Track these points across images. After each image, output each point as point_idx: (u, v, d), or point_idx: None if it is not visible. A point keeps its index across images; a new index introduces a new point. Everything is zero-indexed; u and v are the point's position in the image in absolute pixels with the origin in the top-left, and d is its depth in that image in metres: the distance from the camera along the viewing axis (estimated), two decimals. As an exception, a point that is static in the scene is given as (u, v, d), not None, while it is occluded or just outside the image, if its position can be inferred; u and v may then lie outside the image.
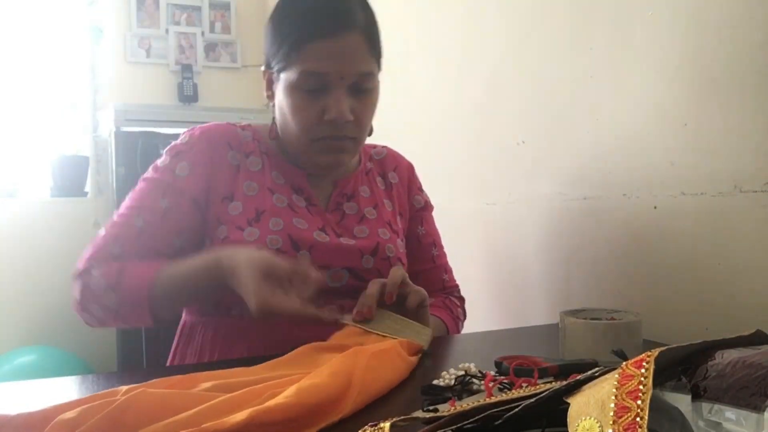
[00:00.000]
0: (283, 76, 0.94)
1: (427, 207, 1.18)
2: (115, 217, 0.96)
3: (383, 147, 1.19)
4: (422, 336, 0.84)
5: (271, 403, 0.56)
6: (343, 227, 1.02)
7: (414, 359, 0.78)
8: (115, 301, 0.89)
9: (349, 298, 0.94)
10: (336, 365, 0.66)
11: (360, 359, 0.68)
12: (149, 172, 0.98)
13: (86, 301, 0.92)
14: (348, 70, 0.92)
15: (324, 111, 0.92)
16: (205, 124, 1.03)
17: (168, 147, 1.00)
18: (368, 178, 1.11)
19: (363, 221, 1.04)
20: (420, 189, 1.18)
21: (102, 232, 0.95)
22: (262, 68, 1.00)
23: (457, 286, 1.17)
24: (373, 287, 0.86)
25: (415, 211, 1.15)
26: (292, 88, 0.93)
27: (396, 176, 1.15)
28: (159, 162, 0.99)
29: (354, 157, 1.05)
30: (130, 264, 0.91)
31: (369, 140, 1.07)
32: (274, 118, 1.02)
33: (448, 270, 1.17)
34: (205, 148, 0.98)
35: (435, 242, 1.16)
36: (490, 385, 0.61)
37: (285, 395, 0.57)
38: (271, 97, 1.00)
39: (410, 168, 1.19)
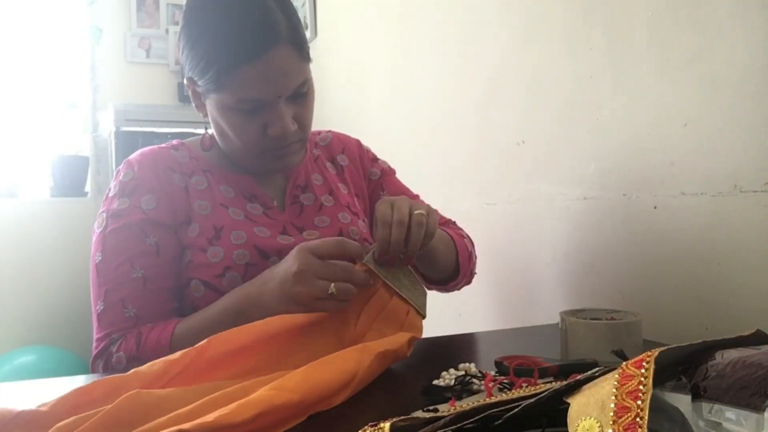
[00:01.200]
0: (212, 96, 0.90)
1: (386, 173, 1.16)
2: (104, 286, 0.90)
3: (327, 132, 1.17)
4: (420, 300, 0.87)
5: (279, 400, 0.57)
6: (304, 220, 1.01)
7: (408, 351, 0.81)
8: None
9: None
10: (342, 363, 0.68)
11: (365, 358, 0.70)
12: (111, 222, 0.91)
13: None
14: (283, 88, 0.88)
15: (266, 126, 0.90)
16: (137, 153, 0.98)
17: (116, 190, 0.94)
18: (318, 166, 1.10)
19: (322, 210, 1.03)
20: (373, 160, 1.17)
21: (99, 307, 0.90)
22: (185, 81, 0.95)
23: (448, 220, 1.19)
24: (399, 236, 0.81)
25: (374, 183, 1.15)
26: (228, 109, 0.89)
27: (345, 158, 1.13)
28: (115, 207, 0.92)
29: (301, 158, 1.02)
30: (144, 329, 0.87)
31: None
32: (206, 129, 0.99)
33: (431, 212, 1.15)
34: (152, 177, 0.93)
35: (413, 195, 1.16)
36: (490, 385, 0.61)
37: (290, 389, 0.59)
38: (201, 108, 0.97)
39: (358, 145, 1.17)
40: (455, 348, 0.94)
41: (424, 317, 0.87)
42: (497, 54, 1.42)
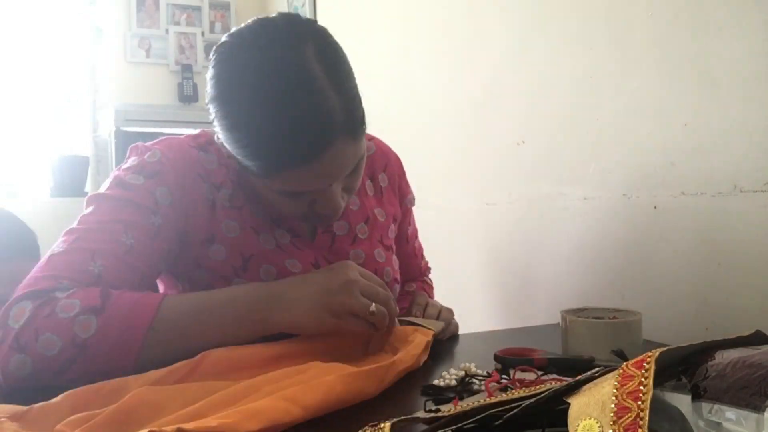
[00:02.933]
0: (252, 176, 0.78)
1: (411, 201, 1.10)
2: (76, 233, 0.76)
3: (370, 140, 1.02)
4: (436, 325, 0.93)
5: (288, 417, 0.55)
6: (337, 253, 0.90)
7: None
8: (95, 328, 0.67)
9: None
10: (365, 381, 0.65)
11: (388, 376, 0.68)
12: (118, 190, 0.79)
13: (34, 332, 0.66)
14: (339, 175, 0.77)
15: (314, 203, 0.78)
16: (162, 144, 0.85)
17: (131, 163, 0.83)
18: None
19: (356, 242, 0.93)
20: (408, 185, 1.07)
21: (58, 248, 0.74)
22: (216, 139, 0.81)
23: (427, 265, 1.20)
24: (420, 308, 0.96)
25: (405, 208, 1.07)
26: (270, 190, 0.78)
27: (386, 178, 1.02)
28: (126, 179, 0.80)
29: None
30: (115, 291, 0.71)
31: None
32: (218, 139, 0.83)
33: (420, 254, 1.17)
34: (178, 180, 0.81)
35: (415, 234, 1.15)
36: (491, 386, 0.61)
37: (304, 406, 0.57)
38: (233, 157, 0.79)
39: (398, 164, 1.05)
40: (455, 348, 0.94)
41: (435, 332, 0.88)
42: (497, 54, 1.42)
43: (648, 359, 0.40)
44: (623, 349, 0.73)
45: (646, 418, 0.35)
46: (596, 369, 0.45)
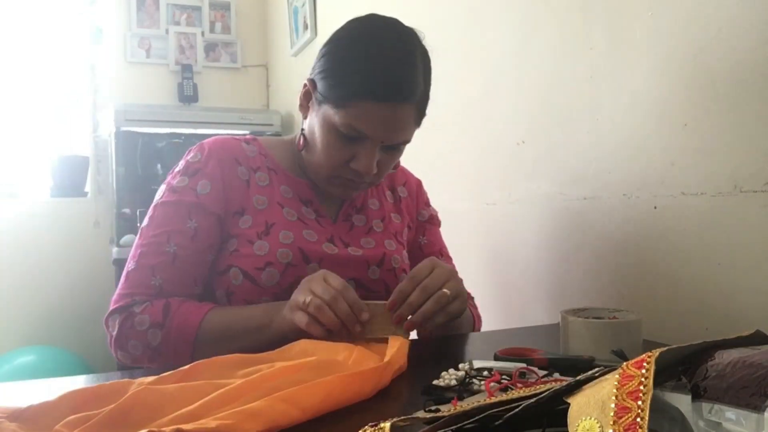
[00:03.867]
0: (326, 108, 0.92)
1: (432, 220, 1.19)
2: (140, 248, 0.95)
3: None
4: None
5: (286, 419, 0.56)
6: (351, 237, 1.03)
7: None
8: (160, 339, 0.89)
9: None
10: (360, 383, 0.66)
11: (384, 377, 0.69)
12: (166, 195, 0.97)
13: (125, 338, 0.91)
14: (390, 138, 0.92)
15: (353, 158, 0.92)
16: (211, 139, 1.03)
17: (181, 167, 1.00)
18: (377, 192, 1.12)
19: (370, 233, 1.06)
20: (427, 204, 1.20)
21: (131, 265, 0.94)
22: (306, 81, 0.98)
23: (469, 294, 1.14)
24: (416, 300, 0.85)
25: (419, 223, 1.17)
26: (332, 127, 0.91)
27: (405, 190, 1.17)
28: (175, 183, 0.98)
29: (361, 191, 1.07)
30: (174, 301, 0.91)
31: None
32: (302, 131, 1.01)
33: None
34: (216, 165, 0.98)
35: (441, 251, 1.18)
36: (491, 386, 0.61)
37: (303, 408, 0.58)
38: (304, 109, 0.99)
39: (419, 184, 1.21)
40: (455, 348, 0.95)
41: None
42: (497, 54, 1.42)
43: (648, 359, 0.40)
44: (623, 349, 0.73)
45: (646, 418, 0.35)
46: (596, 369, 0.45)
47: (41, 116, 3.07)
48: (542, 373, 0.67)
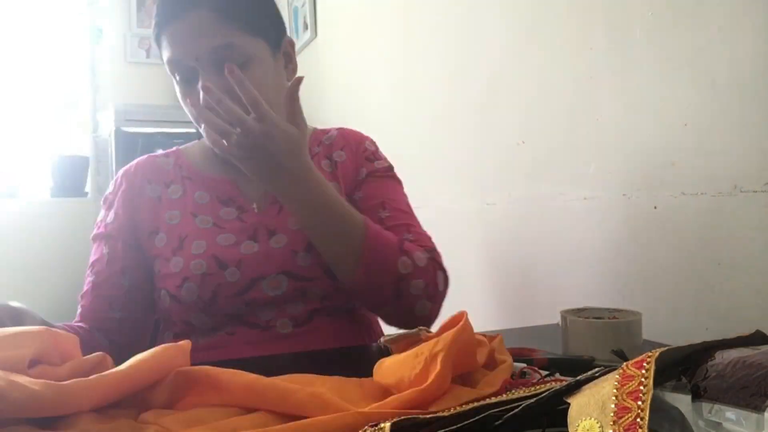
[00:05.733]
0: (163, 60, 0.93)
1: (372, 174, 1.03)
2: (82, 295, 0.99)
3: (337, 129, 1.09)
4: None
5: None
6: (279, 221, 0.95)
7: None
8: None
9: (294, 304, 0.91)
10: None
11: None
12: (94, 230, 1.02)
13: None
14: (197, 49, 0.87)
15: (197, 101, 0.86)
16: (130, 164, 1.04)
17: (102, 198, 1.05)
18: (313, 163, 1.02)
19: None
20: (368, 159, 1.04)
21: (83, 302, 0.98)
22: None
23: (429, 247, 0.96)
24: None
25: (358, 182, 1.02)
26: (174, 79, 0.92)
27: (343, 154, 1.04)
28: (98, 218, 1.03)
29: None
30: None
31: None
32: None
33: (412, 231, 0.97)
34: (126, 190, 1.00)
35: (383, 204, 0.99)
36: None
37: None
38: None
39: (360, 141, 1.06)
40: (455, 348, 0.94)
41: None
42: (497, 54, 1.42)
43: (648, 359, 0.40)
44: (623, 349, 0.73)
45: (646, 418, 0.35)
46: (596, 369, 0.45)
47: (41, 116, 3.07)
48: (543, 373, 0.67)
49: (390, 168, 1.06)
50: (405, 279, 0.88)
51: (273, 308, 0.92)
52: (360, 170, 1.03)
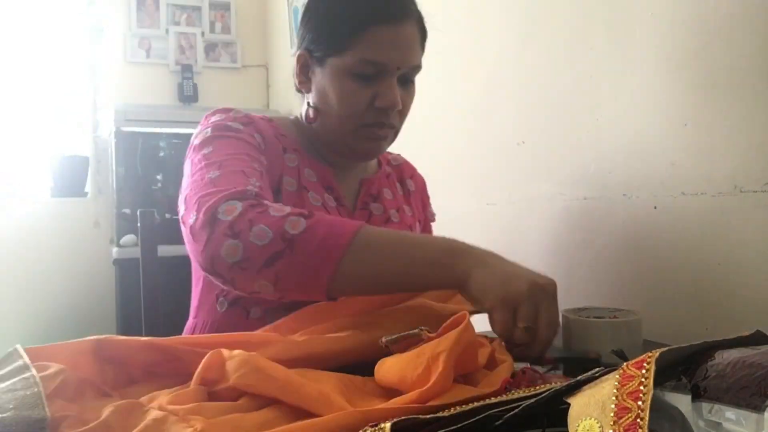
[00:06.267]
0: (332, 61, 0.90)
1: (433, 218, 1.18)
2: (215, 162, 0.82)
3: (397, 154, 1.19)
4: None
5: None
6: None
7: None
8: (302, 227, 0.70)
9: None
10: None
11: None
12: (224, 132, 0.88)
13: (247, 223, 0.71)
14: (405, 61, 0.90)
15: (375, 97, 0.90)
16: (240, 111, 0.95)
17: (222, 116, 0.93)
18: (389, 182, 1.09)
19: (388, 223, 1.02)
20: (428, 200, 1.19)
21: (213, 174, 0.79)
22: (296, 53, 0.96)
23: None
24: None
25: (426, 219, 1.15)
26: (345, 74, 0.89)
27: (413, 184, 1.14)
28: (227, 124, 0.90)
29: (388, 147, 1.01)
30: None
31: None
32: (308, 106, 0.96)
33: None
34: (264, 133, 0.93)
35: None
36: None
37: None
38: (304, 84, 0.96)
39: (423, 180, 1.19)
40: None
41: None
42: (497, 54, 1.42)
43: (648, 359, 0.40)
44: (623, 349, 0.73)
45: (647, 419, 0.35)
46: (596, 369, 0.45)
47: (41, 116, 3.07)
48: (544, 370, 0.67)
49: (434, 216, 1.17)
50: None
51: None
52: (427, 209, 1.15)
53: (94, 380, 0.58)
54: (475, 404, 0.47)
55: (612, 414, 0.36)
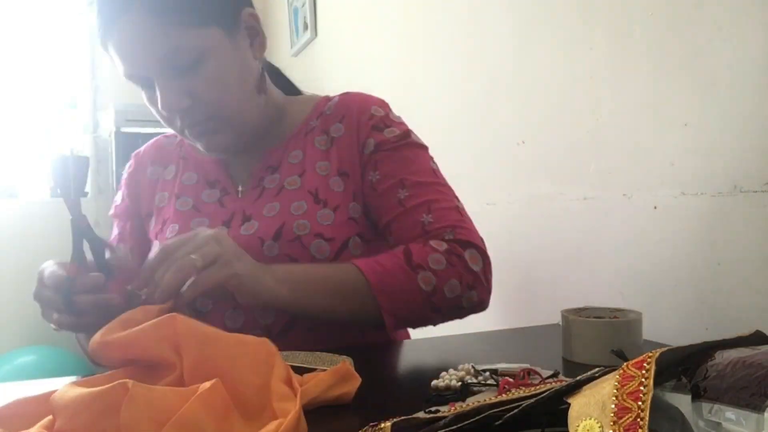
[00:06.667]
0: None
1: (383, 146, 0.93)
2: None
3: (341, 95, 1.01)
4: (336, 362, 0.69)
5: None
6: (256, 207, 0.91)
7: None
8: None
9: (264, 311, 0.88)
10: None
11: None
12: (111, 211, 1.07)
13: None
14: (144, 61, 0.80)
15: (157, 102, 0.84)
16: (144, 145, 1.07)
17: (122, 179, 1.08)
18: (306, 140, 0.95)
19: (279, 195, 0.91)
20: (376, 128, 0.94)
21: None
22: None
23: (450, 225, 0.89)
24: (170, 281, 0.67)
25: (366, 158, 0.93)
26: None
27: (342, 127, 0.94)
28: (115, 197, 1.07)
29: (239, 132, 0.89)
30: None
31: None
32: None
33: (433, 209, 0.90)
34: (133, 171, 1.04)
35: (402, 181, 0.90)
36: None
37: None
38: None
39: (364, 109, 0.95)
40: (455, 348, 0.94)
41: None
42: (497, 54, 1.42)
43: (648, 359, 0.40)
44: (623, 349, 0.72)
45: (647, 419, 0.35)
46: (596, 369, 0.45)
47: (41, 116, 3.07)
48: (546, 373, 0.67)
49: (405, 135, 0.95)
50: (435, 293, 0.82)
51: (240, 314, 0.87)
52: (366, 143, 0.92)
53: None
54: (475, 404, 0.47)
55: (612, 414, 0.36)
